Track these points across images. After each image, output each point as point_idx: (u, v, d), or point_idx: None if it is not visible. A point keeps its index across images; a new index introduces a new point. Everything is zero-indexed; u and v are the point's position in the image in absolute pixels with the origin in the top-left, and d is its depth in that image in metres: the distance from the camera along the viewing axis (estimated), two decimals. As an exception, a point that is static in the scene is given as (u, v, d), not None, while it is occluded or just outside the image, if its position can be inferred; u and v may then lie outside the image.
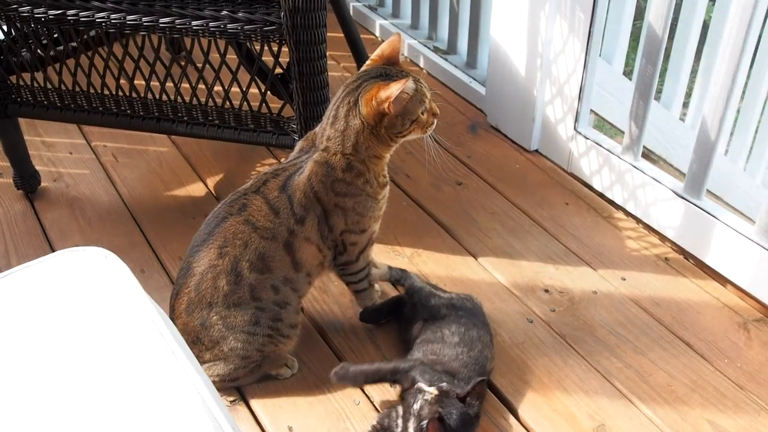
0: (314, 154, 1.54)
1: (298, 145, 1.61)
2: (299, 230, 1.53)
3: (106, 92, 1.93)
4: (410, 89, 1.46)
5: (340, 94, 1.52)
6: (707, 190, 1.95)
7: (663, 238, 2.03)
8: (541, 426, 1.58)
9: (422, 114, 1.52)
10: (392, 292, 1.88)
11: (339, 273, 1.69)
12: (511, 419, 1.60)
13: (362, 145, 1.51)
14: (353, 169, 1.53)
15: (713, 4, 2.30)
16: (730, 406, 1.62)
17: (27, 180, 2.21)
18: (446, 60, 2.71)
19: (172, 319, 1.55)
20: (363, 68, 1.55)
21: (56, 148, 2.43)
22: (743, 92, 2.34)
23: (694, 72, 2.36)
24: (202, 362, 1.56)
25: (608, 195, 2.16)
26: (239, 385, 1.66)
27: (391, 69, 1.52)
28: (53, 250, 2.03)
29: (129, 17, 1.72)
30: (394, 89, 1.43)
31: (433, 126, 1.57)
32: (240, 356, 1.58)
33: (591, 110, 2.23)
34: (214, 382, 1.44)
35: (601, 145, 2.13)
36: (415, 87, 1.48)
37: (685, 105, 2.45)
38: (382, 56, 1.55)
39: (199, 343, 1.55)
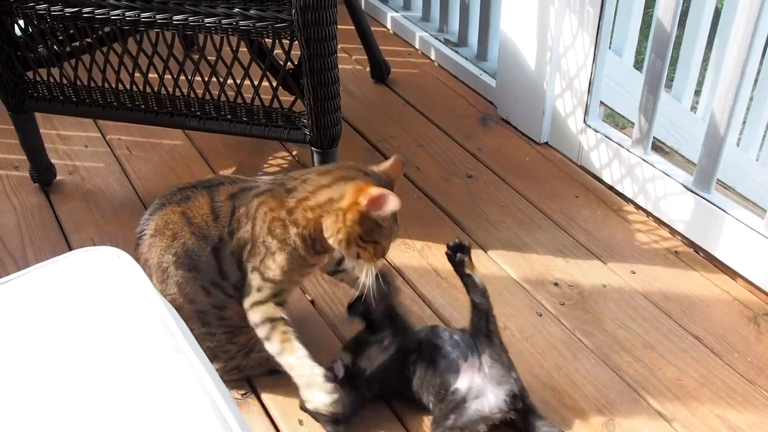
0: (277, 188, 1.50)
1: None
2: (228, 242, 1.49)
3: (121, 87, 1.95)
4: (392, 210, 1.40)
5: (340, 167, 1.50)
6: (719, 180, 1.95)
7: (673, 231, 2.04)
8: (551, 420, 1.58)
9: (377, 243, 1.46)
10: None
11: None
12: (520, 413, 1.61)
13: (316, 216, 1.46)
14: (297, 223, 1.46)
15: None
16: (739, 400, 1.63)
17: (43, 173, 2.23)
18: (457, 52, 2.71)
19: None
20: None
21: (71, 142, 2.46)
22: (756, 80, 2.32)
23: (705, 61, 2.35)
24: None
25: (618, 188, 2.16)
26: (246, 375, 1.67)
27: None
28: (68, 243, 2.06)
29: (143, 14, 1.74)
30: (388, 194, 1.38)
31: (374, 266, 1.49)
32: (221, 351, 1.58)
33: (601, 102, 2.23)
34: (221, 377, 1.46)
35: (610, 138, 2.13)
36: (395, 219, 1.45)
37: (698, 94, 2.44)
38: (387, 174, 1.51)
39: None
